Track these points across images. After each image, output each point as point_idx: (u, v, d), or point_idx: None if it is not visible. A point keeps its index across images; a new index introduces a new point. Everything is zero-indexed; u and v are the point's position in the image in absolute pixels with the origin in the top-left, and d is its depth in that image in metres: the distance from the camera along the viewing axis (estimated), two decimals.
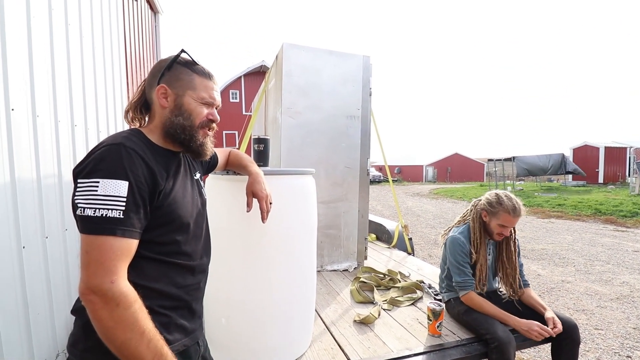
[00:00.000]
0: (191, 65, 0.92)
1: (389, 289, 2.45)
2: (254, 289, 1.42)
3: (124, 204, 0.71)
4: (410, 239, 3.59)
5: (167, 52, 5.75)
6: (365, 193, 2.95)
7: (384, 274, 2.70)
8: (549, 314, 1.71)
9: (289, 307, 1.51)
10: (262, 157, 1.56)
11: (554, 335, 1.64)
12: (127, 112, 0.95)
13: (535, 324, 1.65)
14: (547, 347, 2.28)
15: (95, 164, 0.73)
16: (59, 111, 2.05)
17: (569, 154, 18.98)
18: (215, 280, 1.37)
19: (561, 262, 5.02)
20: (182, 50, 0.92)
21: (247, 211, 1.21)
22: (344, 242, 2.91)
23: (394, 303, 2.19)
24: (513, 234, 1.90)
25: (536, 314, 1.78)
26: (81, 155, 2.30)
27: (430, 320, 1.79)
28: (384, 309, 2.12)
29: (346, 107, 2.82)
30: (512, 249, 1.89)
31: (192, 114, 0.90)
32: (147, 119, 0.95)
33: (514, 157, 15.99)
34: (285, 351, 1.54)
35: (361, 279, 2.52)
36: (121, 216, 0.70)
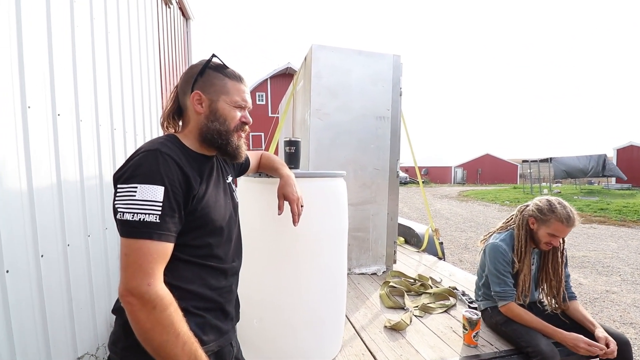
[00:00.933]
0: (222, 69, 0.93)
1: (420, 295, 2.37)
2: (285, 292, 1.41)
3: (160, 208, 0.73)
4: (441, 243, 3.47)
5: (197, 57, 5.93)
6: (395, 195, 2.88)
7: (415, 279, 2.62)
8: (600, 332, 1.57)
9: (320, 311, 1.49)
10: (293, 160, 1.56)
11: (606, 355, 1.51)
12: (162, 123, 0.98)
13: (582, 339, 1.52)
14: None
15: (134, 170, 0.75)
16: (100, 116, 2.15)
17: (612, 155, 17.73)
18: (247, 282, 1.38)
19: (605, 271, 4.68)
20: (213, 55, 0.93)
21: (279, 214, 1.20)
22: (372, 245, 2.86)
23: (425, 310, 2.12)
24: (562, 244, 1.77)
25: (583, 330, 1.65)
26: (120, 157, 2.40)
27: (466, 330, 1.71)
28: (415, 316, 2.05)
29: (376, 108, 2.77)
30: (560, 260, 1.76)
31: (227, 119, 0.92)
32: (180, 124, 0.97)
33: (550, 158, 15.15)
34: (316, 354, 1.52)
35: (391, 284, 2.46)
36: (158, 220, 0.72)
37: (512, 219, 1.86)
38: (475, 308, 2.12)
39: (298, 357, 1.47)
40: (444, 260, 3.41)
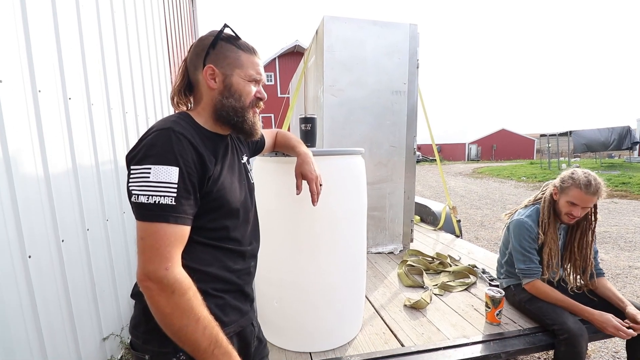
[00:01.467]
0: (235, 40, 0.86)
1: (439, 273, 2.34)
2: (304, 272, 1.40)
3: (175, 190, 0.70)
4: (458, 221, 3.41)
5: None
6: (412, 173, 2.81)
7: (433, 258, 2.58)
8: (631, 310, 1.51)
9: (339, 290, 1.47)
10: (309, 137, 1.50)
11: (637, 331, 1.46)
12: (172, 98, 0.92)
13: (612, 322, 1.46)
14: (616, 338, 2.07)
15: (147, 150, 0.72)
16: (111, 99, 2.12)
17: (635, 127, 16.94)
18: (266, 263, 1.36)
19: (627, 246, 4.55)
20: (225, 25, 0.86)
21: (297, 194, 1.16)
22: (389, 224, 2.82)
23: (445, 288, 2.09)
24: (591, 220, 1.66)
25: (612, 307, 1.59)
26: (133, 140, 2.39)
27: (489, 308, 1.67)
28: (435, 294, 2.02)
29: (391, 82, 2.65)
30: (589, 238, 1.66)
31: (243, 94, 0.86)
32: (192, 100, 0.92)
33: (570, 132, 14.60)
34: (337, 334, 1.52)
35: (408, 262, 2.43)
36: (173, 203, 0.70)
37: (540, 196, 1.77)
38: (497, 286, 2.08)
39: (320, 337, 1.47)
40: (462, 238, 3.35)
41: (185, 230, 0.73)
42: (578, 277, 1.71)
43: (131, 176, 0.71)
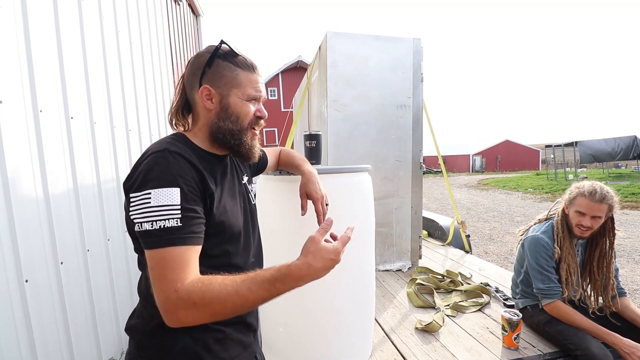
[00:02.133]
0: (232, 57, 0.82)
1: (450, 292, 2.25)
2: (311, 295, 1.33)
3: (179, 211, 0.66)
4: (468, 236, 3.32)
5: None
6: (419, 188, 2.75)
7: (443, 275, 2.50)
8: None
9: (348, 314, 1.40)
10: (314, 155, 1.46)
11: None
12: (170, 119, 0.88)
13: None
14: None
15: (145, 176, 0.68)
16: (114, 117, 2.11)
17: None
18: None
19: None
20: (222, 42, 0.81)
21: (302, 214, 1.11)
22: (396, 240, 2.74)
23: (457, 309, 2.00)
24: (610, 236, 1.59)
25: (636, 330, 1.50)
26: (137, 159, 2.37)
27: (506, 332, 1.58)
28: (447, 315, 1.93)
29: (395, 96, 2.63)
30: (608, 255, 1.59)
31: (240, 116, 0.82)
32: (189, 120, 0.88)
33: (576, 142, 14.49)
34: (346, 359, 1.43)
35: (418, 281, 2.34)
36: (179, 224, 0.66)
37: (554, 211, 1.71)
38: (512, 306, 1.99)
39: None
40: (471, 253, 3.26)
41: (196, 250, 0.68)
42: (600, 298, 1.62)
43: (131, 205, 0.67)
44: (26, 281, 1.30)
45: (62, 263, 1.52)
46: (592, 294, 1.63)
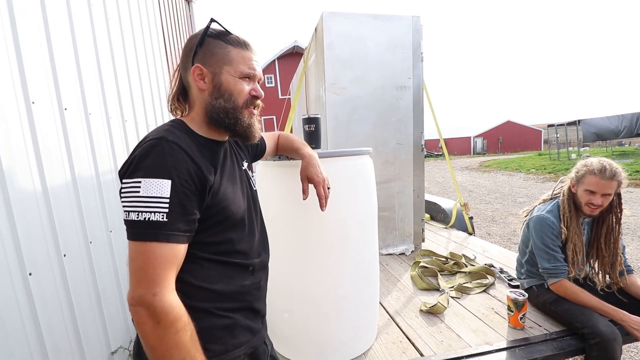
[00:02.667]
0: (224, 35, 0.79)
1: (454, 274, 2.25)
2: (315, 281, 1.32)
3: (167, 205, 0.64)
4: (471, 218, 3.30)
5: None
6: (420, 171, 2.72)
7: (447, 258, 2.49)
8: None
9: (352, 298, 1.40)
10: (313, 138, 1.42)
11: None
12: (170, 107, 0.87)
13: None
14: None
15: (138, 162, 0.66)
16: (109, 108, 2.07)
17: None
18: (274, 273, 1.28)
19: None
20: (212, 20, 0.79)
21: (304, 199, 1.09)
22: (399, 224, 2.73)
23: (462, 290, 1.99)
24: (617, 212, 1.57)
25: None
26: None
27: (512, 312, 1.58)
28: (451, 297, 1.93)
29: (395, 77, 2.56)
30: (615, 232, 1.57)
31: (234, 94, 0.79)
32: (187, 107, 0.85)
33: (579, 121, 14.31)
34: (352, 344, 1.44)
35: (421, 264, 2.34)
36: (165, 219, 0.64)
37: (559, 190, 1.68)
38: (516, 286, 1.98)
39: (333, 348, 1.39)
40: (474, 235, 3.25)
41: (179, 249, 0.67)
42: (607, 275, 1.60)
43: (122, 191, 0.66)
44: (30, 274, 1.30)
45: (65, 255, 1.51)
46: (600, 271, 1.62)
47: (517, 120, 32.01)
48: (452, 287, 2.04)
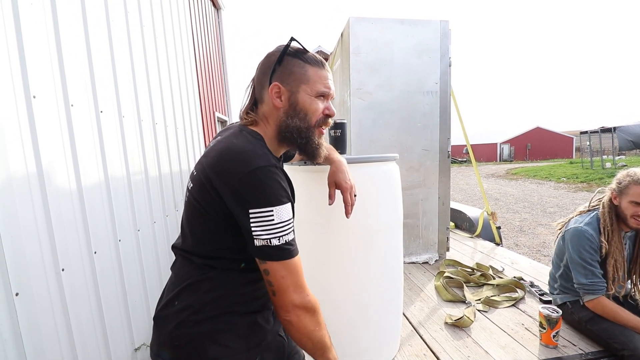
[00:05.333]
0: (302, 54, 0.81)
1: (480, 286, 2.16)
2: (339, 288, 1.30)
3: (292, 224, 0.75)
4: (498, 228, 3.18)
5: (230, 46, 5.92)
6: (446, 178, 2.64)
7: (473, 268, 2.40)
8: None
9: (376, 307, 1.36)
10: (339, 144, 1.41)
11: None
12: (241, 118, 0.88)
13: None
14: None
15: (262, 192, 0.71)
16: (141, 111, 2.14)
17: None
18: None
19: None
20: (292, 39, 0.81)
21: (330, 204, 1.08)
22: (422, 232, 2.67)
23: (489, 303, 1.91)
24: None
25: None
26: (163, 151, 2.41)
27: (544, 329, 1.50)
28: (478, 310, 1.86)
29: (421, 82, 2.52)
30: None
31: (308, 113, 0.82)
32: (257, 118, 0.86)
33: (614, 128, 13.56)
34: (374, 354, 1.40)
35: (446, 274, 2.27)
36: (293, 235, 0.75)
37: (594, 200, 1.59)
38: (549, 302, 1.88)
39: (355, 358, 1.36)
40: (502, 246, 3.12)
41: None
42: None
43: (254, 220, 0.71)
44: (62, 270, 1.35)
45: (95, 253, 1.57)
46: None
47: (547, 127, 30.73)
48: (479, 299, 1.96)
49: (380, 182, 1.31)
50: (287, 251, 0.72)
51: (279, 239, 0.71)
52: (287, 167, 1.38)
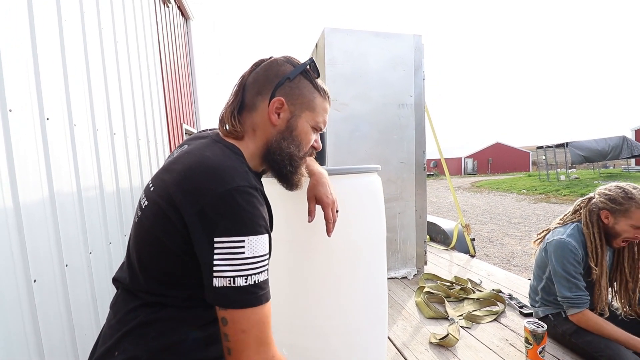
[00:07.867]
0: (314, 80, 0.75)
1: (461, 301, 2.11)
2: (321, 313, 1.18)
3: (267, 260, 0.61)
4: (472, 240, 3.20)
5: (199, 57, 5.74)
6: (423, 190, 2.62)
7: (452, 282, 2.36)
8: None
9: (360, 331, 1.25)
10: (319, 155, 1.31)
11: None
12: (222, 121, 0.75)
13: None
14: None
15: (235, 217, 0.57)
16: (97, 119, 1.94)
17: (630, 137, 17.06)
18: (274, 304, 1.15)
19: None
20: (312, 60, 0.75)
21: (309, 221, 0.98)
22: (400, 246, 2.61)
23: (472, 319, 1.86)
24: None
25: None
26: (122, 165, 2.20)
27: (530, 344, 1.45)
28: (461, 327, 1.79)
29: (397, 95, 2.51)
30: (638, 255, 1.48)
31: (302, 142, 0.75)
32: (239, 126, 0.73)
33: (567, 143, 14.63)
34: None
35: (426, 289, 2.20)
36: (266, 276, 0.60)
37: (570, 215, 1.58)
38: (529, 314, 1.86)
39: None
40: (476, 257, 3.14)
41: None
42: (628, 305, 1.50)
43: (218, 251, 0.56)
44: (34, 281, 1.26)
45: (67, 266, 1.48)
46: (623, 297, 1.51)
47: (506, 142, 32.73)
48: (461, 315, 1.90)
49: (364, 195, 1.22)
50: (254, 296, 0.56)
51: (246, 279, 0.56)
52: (264, 180, 1.27)
